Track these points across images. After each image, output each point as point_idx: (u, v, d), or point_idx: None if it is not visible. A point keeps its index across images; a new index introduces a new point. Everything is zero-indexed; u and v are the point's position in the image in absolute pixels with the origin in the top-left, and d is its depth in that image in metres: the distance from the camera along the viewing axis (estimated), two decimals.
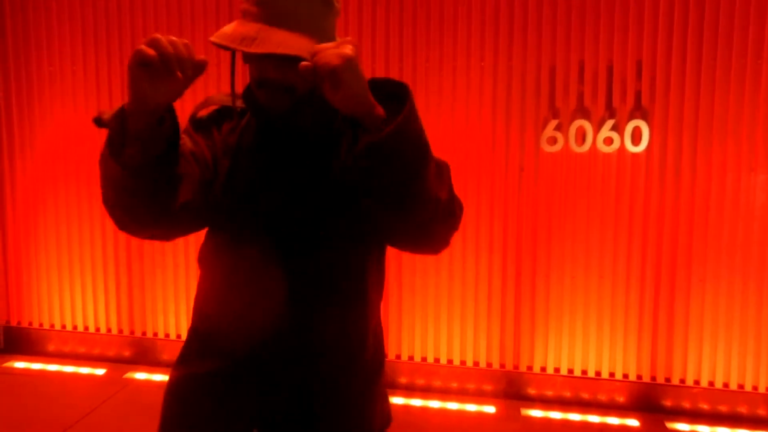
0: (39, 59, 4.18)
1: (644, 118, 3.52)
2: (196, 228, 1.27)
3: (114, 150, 1.06)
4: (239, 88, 1.31)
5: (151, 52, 0.98)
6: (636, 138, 3.52)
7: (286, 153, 1.24)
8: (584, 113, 3.58)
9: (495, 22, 3.63)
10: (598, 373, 3.69)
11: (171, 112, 1.09)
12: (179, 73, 1.00)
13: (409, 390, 3.84)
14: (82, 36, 4.11)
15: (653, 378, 3.64)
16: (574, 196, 3.64)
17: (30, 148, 4.25)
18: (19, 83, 4.22)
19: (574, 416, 3.57)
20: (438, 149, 1.19)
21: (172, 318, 4.14)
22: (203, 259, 1.34)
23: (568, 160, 3.62)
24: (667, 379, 3.62)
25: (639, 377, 3.64)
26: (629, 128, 3.51)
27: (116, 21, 4.05)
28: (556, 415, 3.58)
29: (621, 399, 3.66)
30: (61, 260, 4.26)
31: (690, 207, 3.52)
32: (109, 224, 4.12)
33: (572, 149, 3.59)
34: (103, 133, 1.09)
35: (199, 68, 1.04)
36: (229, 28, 1.14)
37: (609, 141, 3.54)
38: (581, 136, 3.57)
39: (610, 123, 3.54)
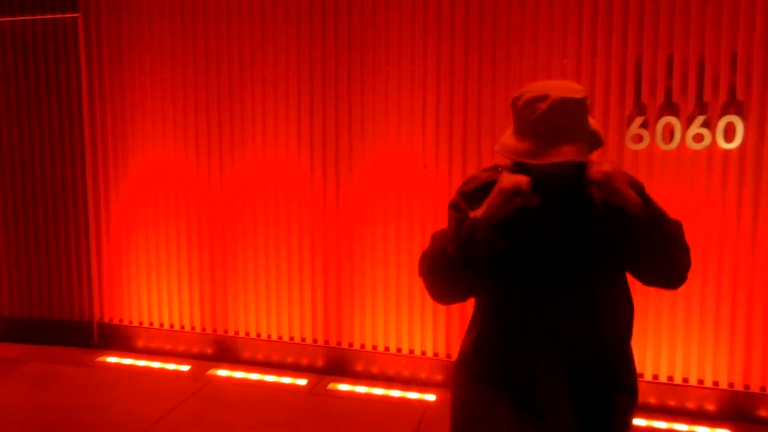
0: (131, 69, 4.33)
1: (738, 113, 3.32)
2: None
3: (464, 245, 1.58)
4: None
5: (523, 186, 1.51)
6: (729, 134, 3.33)
7: (556, 213, 1.64)
8: (672, 109, 3.40)
9: (578, 15, 3.49)
10: (685, 380, 3.55)
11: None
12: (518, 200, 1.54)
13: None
14: (171, 45, 4.22)
15: (746, 386, 3.46)
16: (660, 196, 3.43)
17: (123, 157, 4.43)
18: (113, 91, 4.39)
19: (660, 424, 3.46)
20: None
21: (253, 317, 4.25)
22: (488, 306, 1.72)
23: (654, 159, 3.46)
24: (763, 388, 3.44)
25: (731, 385, 3.48)
26: (722, 124, 3.32)
27: (201, 29, 4.14)
28: (640, 422, 3.47)
29: (711, 407, 3.51)
30: (149, 262, 4.44)
31: None
32: (195, 229, 4.28)
33: (659, 147, 3.43)
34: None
35: (533, 200, 1.55)
36: (508, 141, 1.58)
37: (699, 138, 3.36)
38: (669, 134, 3.40)
39: (700, 119, 3.35)
